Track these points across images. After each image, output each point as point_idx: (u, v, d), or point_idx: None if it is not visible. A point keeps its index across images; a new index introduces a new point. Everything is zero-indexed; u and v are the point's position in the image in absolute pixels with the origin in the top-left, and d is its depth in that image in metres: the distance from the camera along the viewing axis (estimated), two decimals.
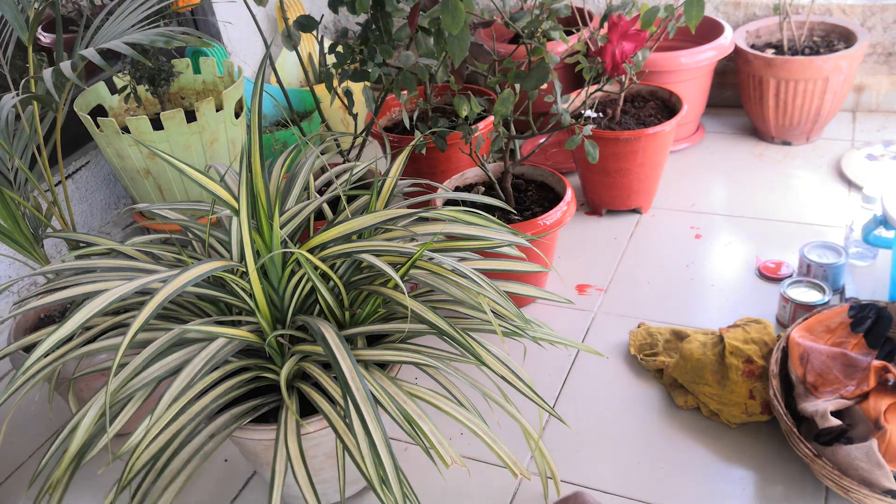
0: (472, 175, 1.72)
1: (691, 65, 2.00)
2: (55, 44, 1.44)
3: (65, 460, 0.91)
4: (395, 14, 1.36)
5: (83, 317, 0.85)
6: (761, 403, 1.27)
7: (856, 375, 1.21)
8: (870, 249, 1.57)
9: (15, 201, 1.30)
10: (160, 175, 1.77)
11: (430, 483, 1.25)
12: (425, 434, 0.93)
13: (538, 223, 1.50)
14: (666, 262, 1.72)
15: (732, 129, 2.21)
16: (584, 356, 1.49)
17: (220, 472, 1.35)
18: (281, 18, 2.44)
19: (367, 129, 1.62)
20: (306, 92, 2.26)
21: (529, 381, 1.01)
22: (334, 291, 1.07)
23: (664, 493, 1.21)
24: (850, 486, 1.07)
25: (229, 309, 1.10)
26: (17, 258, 1.66)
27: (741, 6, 2.22)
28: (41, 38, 2.05)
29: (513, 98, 1.38)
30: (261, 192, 0.95)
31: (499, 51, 2.06)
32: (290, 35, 1.44)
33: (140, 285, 0.89)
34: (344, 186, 1.28)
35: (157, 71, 1.75)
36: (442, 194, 1.28)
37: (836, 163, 1.98)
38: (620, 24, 1.37)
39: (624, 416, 1.35)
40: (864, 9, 2.09)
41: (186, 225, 1.23)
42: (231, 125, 1.81)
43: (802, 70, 1.93)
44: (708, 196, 1.93)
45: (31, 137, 1.42)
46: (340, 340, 0.91)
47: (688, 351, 1.35)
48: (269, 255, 0.98)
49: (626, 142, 1.73)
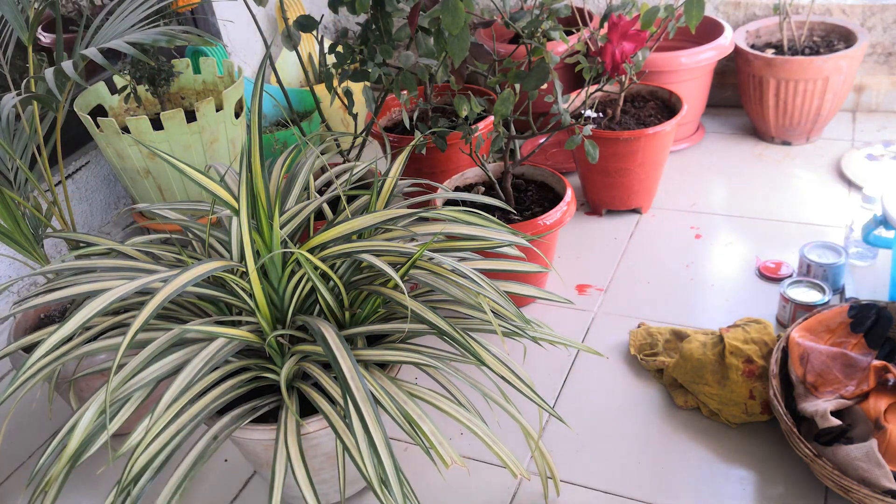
0: (472, 175, 1.72)
1: (691, 65, 2.00)
2: (55, 44, 1.44)
3: (63, 458, 0.91)
4: (395, 14, 1.36)
5: (83, 317, 0.85)
6: (761, 403, 1.27)
7: (856, 375, 1.21)
8: (870, 249, 1.57)
9: (15, 201, 1.30)
10: (160, 175, 1.77)
11: (431, 483, 1.25)
12: (425, 434, 0.93)
13: (538, 223, 1.50)
14: (666, 262, 1.72)
15: (732, 129, 2.21)
16: (584, 356, 1.49)
17: (220, 471, 1.35)
18: (281, 18, 2.44)
19: (367, 129, 1.62)
20: (306, 92, 2.26)
21: (529, 381, 1.01)
22: (334, 291, 1.07)
23: (664, 493, 1.21)
24: (850, 486, 1.07)
25: (229, 309, 1.10)
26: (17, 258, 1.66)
27: (741, 6, 2.22)
28: (41, 38, 2.06)
29: (513, 98, 1.38)
30: (261, 192, 0.95)
31: (499, 51, 2.06)
32: (290, 35, 1.44)
33: (140, 285, 0.89)
34: (344, 186, 1.28)
35: (158, 71, 1.75)
36: (442, 194, 1.28)
37: (836, 163, 1.98)
38: (620, 24, 1.37)
39: (624, 416, 1.35)
40: (864, 9, 2.09)
41: (186, 225, 1.23)
42: (231, 125, 1.81)
43: (802, 70, 1.93)
44: (708, 196, 1.93)
45: (31, 137, 1.42)
46: (340, 340, 0.91)
47: (688, 351, 1.35)
48: (269, 255, 0.98)
49: (626, 142, 1.73)
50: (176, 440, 0.94)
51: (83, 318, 0.85)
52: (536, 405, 1.00)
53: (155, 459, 0.93)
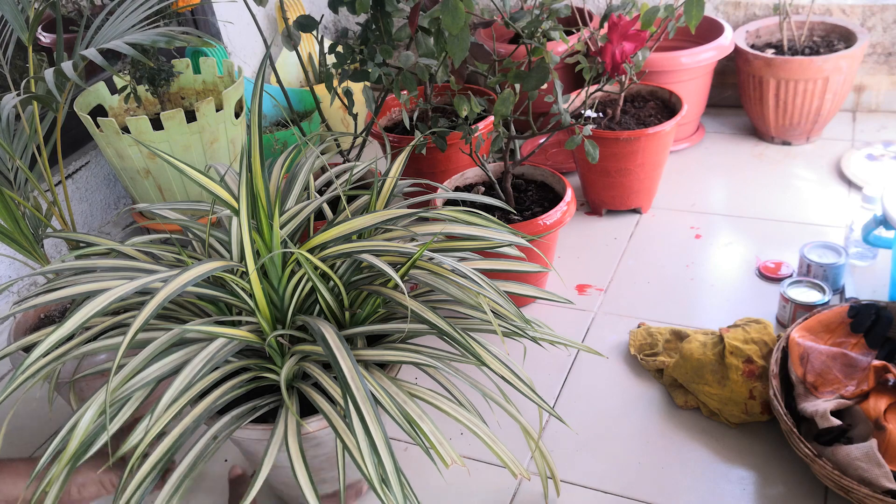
0: (472, 175, 1.72)
1: (691, 65, 2.00)
2: (55, 44, 1.44)
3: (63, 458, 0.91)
4: (395, 14, 1.36)
5: (83, 316, 0.85)
6: (761, 403, 1.27)
7: (856, 375, 1.21)
8: (870, 249, 1.57)
9: (15, 201, 1.30)
10: (160, 175, 1.77)
11: (431, 483, 1.25)
12: (425, 434, 0.93)
13: (538, 223, 1.50)
14: (666, 262, 1.72)
15: (732, 129, 2.22)
16: (584, 356, 1.49)
17: (220, 471, 1.35)
18: (281, 18, 2.44)
19: (367, 129, 1.62)
20: (306, 92, 2.26)
21: (529, 382, 1.01)
22: (334, 291, 1.07)
23: (664, 493, 1.21)
24: (850, 486, 1.07)
25: (229, 309, 1.10)
26: (17, 258, 1.66)
27: (741, 6, 2.22)
28: (41, 38, 2.06)
29: (513, 98, 1.38)
30: (261, 192, 0.95)
31: (499, 51, 2.06)
32: (290, 35, 1.44)
33: (140, 285, 0.89)
34: (344, 186, 1.28)
35: (157, 71, 1.75)
36: (442, 194, 1.28)
37: (836, 163, 1.98)
38: (620, 24, 1.37)
39: (624, 416, 1.35)
40: (864, 9, 2.10)
41: (186, 225, 1.23)
42: (231, 125, 1.81)
43: (802, 70, 1.93)
44: (708, 196, 1.93)
45: (32, 137, 1.42)
46: (340, 340, 0.91)
47: (688, 351, 1.35)
48: (269, 256, 0.98)
49: (626, 142, 1.73)
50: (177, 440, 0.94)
51: (83, 317, 0.85)
52: (536, 405, 1.00)
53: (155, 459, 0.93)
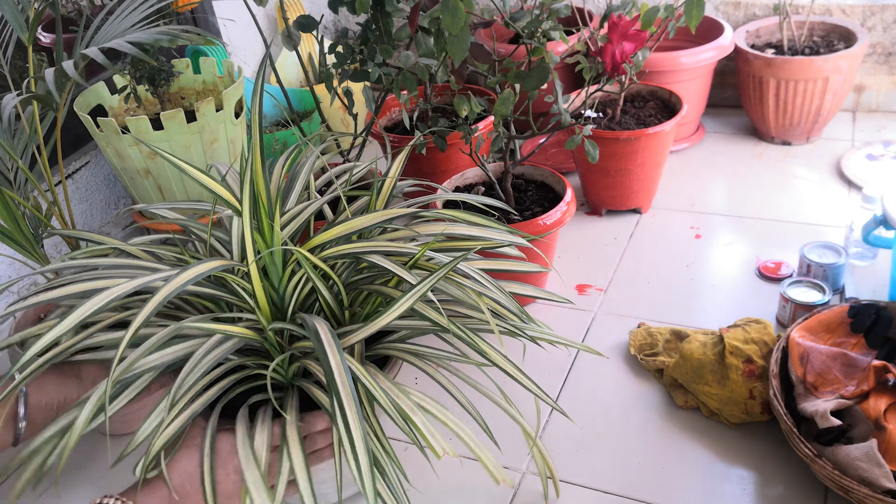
0: (472, 175, 1.72)
1: (691, 65, 2.00)
2: (55, 44, 1.44)
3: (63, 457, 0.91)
4: (395, 14, 1.36)
5: (83, 313, 0.85)
6: (761, 403, 1.27)
7: (856, 375, 1.21)
8: (870, 249, 1.57)
9: (15, 201, 1.30)
10: (160, 175, 1.77)
11: (430, 482, 1.25)
12: (417, 427, 0.91)
13: (538, 223, 1.50)
14: (666, 262, 1.72)
15: (732, 129, 2.22)
16: (584, 356, 1.49)
17: None
18: (281, 18, 2.44)
19: (367, 129, 1.62)
20: (306, 92, 2.26)
21: (532, 379, 1.01)
22: (334, 291, 1.07)
23: (664, 493, 1.21)
24: (850, 486, 1.07)
25: (230, 308, 1.10)
26: (17, 258, 1.66)
27: (741, 6, 2.22)
28: (41, 38, 2.06)
29: (513, 98, 1.38)
30: (262, 192, 0.95)
31: (499, 51, 2.06)
32: (290, 35, 1.44)
33: (141, 283, 0.89)
34: (344, 187, 1.28)
35: (158, 71, 1.75)
36: (442, 195, 1.28)
37: (836, 163, 1.98)
38: (620, 24, 1.37)
39: (624, 416, 1.35)
40: (864, 9, 2.10)
41: (187, 225, 1.23)
42: (231, 125, 1.81)
43: (802, 70, 1.93)
44: (708, 196, 1.93)
45: (32, 137, 1.42)
46: (332, 335, 0.90)
47: (688, 351, 1.35)
48: (268, 251, 0.98)
49: (626, 142, 1.73)
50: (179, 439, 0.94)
51: (82, 314, 0.85)
52: (536, 401, 1.00)
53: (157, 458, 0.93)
